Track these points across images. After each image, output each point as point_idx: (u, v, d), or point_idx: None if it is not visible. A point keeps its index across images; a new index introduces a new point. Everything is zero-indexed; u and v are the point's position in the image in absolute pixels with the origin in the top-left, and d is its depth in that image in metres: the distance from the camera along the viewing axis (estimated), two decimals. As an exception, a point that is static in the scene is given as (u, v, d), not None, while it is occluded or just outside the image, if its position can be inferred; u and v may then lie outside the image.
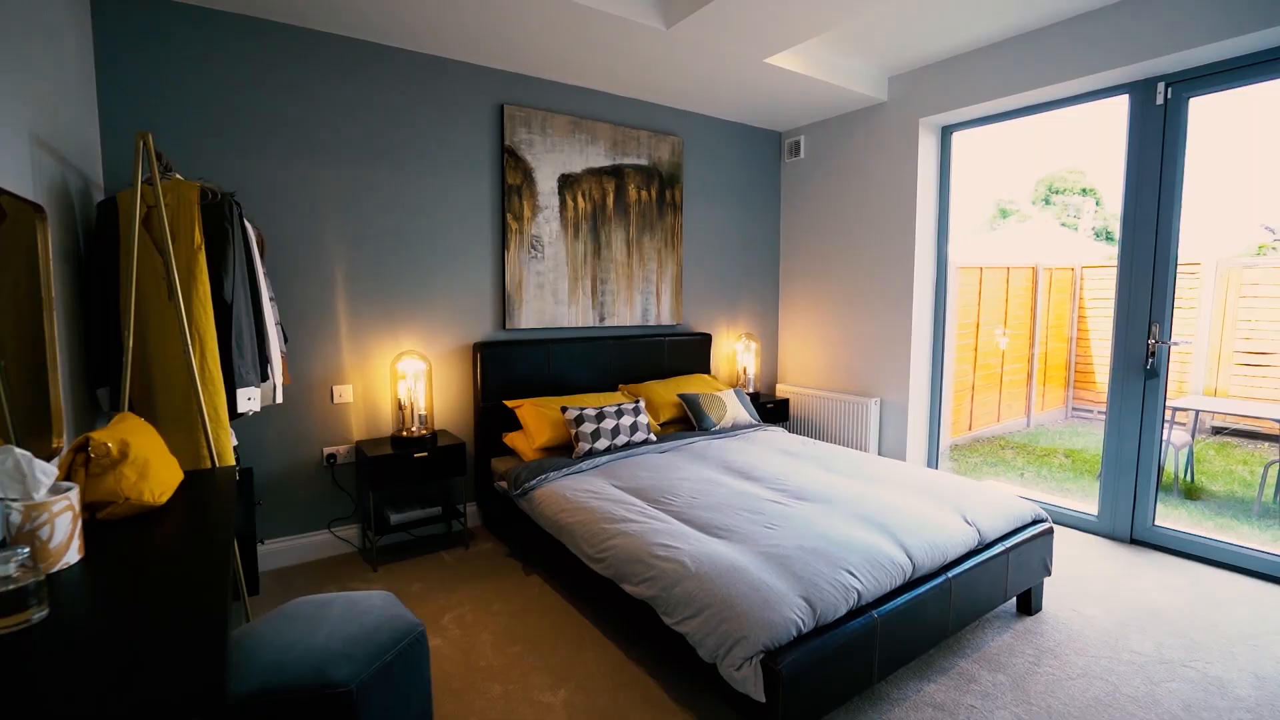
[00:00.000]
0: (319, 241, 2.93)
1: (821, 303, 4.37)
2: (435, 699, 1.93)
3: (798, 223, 4.51)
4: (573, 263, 3.66)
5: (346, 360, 3.05)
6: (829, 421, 4.23)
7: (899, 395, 3.89)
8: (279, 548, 2.94)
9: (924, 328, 3.86)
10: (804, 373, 4.56)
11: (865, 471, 2.75)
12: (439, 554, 3.08)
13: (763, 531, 2.06)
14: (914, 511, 2.22)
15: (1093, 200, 14.95)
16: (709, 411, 3.53)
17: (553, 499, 2.57)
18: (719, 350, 4.42)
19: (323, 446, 3.02)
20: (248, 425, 2.80)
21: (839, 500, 2.33)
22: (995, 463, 5.45)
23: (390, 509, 3.06)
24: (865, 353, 4.09)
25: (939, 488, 2.49)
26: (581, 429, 3.02)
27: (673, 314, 4.10)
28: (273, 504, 2.92)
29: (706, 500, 2.38)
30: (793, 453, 3.08)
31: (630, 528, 2.16)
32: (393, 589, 2.71)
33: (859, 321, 4.11)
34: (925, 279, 3.83)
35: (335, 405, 3.04)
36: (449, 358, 3.33)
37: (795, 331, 4.60)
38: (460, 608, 2.54)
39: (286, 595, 2.65)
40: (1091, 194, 15.30)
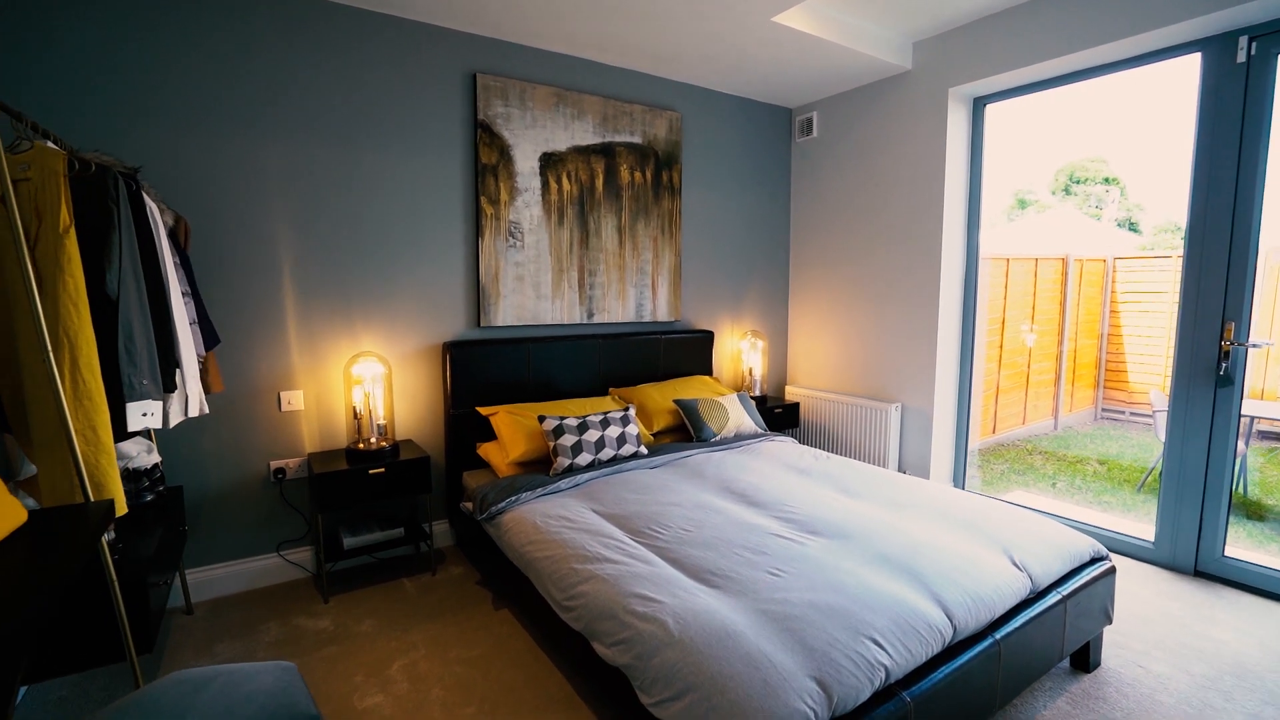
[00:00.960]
0: (262, 228, 2.57)
1: (836, 297, 3.96)
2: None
3: (810, 208, 4.09)
4: (557, 252, 3.28)
5: (296, 363, 2.70)
6: (844, 429, 3.83)
7: (923, 400, 3.49)
8: (219, 574, 2.60)
9: (951, 325, 3.45)
10: (816, 374, 4.16)
11: (888, 494, 2.36)
12: (401, 581, 2.73)
13: (766, 579, 1.68)
14: (950, 551, 1.83)
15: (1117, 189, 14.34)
16: (708, 420, 3.14)
17: (521, 527, 2.20)
18: (722, 349, 4.03)
19: (269, 460, 2.68)
20: (176, 437, 2.45)
21: (858, 534, 1.95)
22: (1023, 470, 5.02)
23: (346, 531, 2.71)
24: (885, 353, 3.68)
25: (977, 517, 2.10)
26: (561, 441, 2.65)
27: (670, 309, 3.72)
28: (211, 525, 2.58)
29: (700, 534, 2.00)
30: (803, 470, 2.69)
31: (606, 570, 1.78)
32: (342, 626, 2.36)
33: (878, 318, 3.70)
34: (953, 270, 3.41)
35: (284, 414, 2.69)
36: (415, 359, 2.97)
37: (806, 329, 4.20)
38: (414, 652, 2.19)
39: (213, 633, 2.31)
40: (1114, 183, 14.68)
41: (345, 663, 2.13)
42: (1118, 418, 6.65)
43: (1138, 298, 6.46)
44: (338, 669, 2.09)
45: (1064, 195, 14.92)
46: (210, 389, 2.34)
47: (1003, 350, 5.95)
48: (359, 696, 1.95)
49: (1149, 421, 6.26)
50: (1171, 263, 6.11)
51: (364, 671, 2.08)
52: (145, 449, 2.23)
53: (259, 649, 2.21)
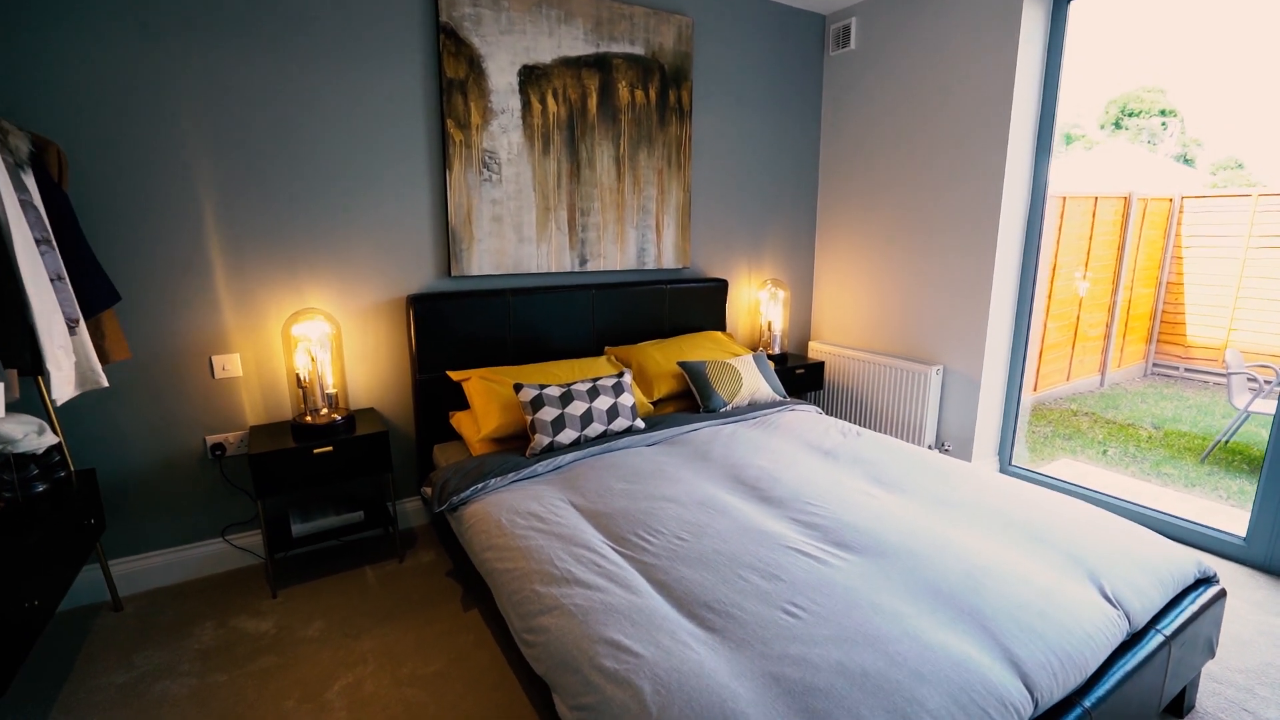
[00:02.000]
0: (172, 158, 2.10)
1: (870, 240, 3.42)
2: None
3: (844, 135, 3.49)
4: (541, 188, 2.77)
5: (229, 322, 2.29)
6: (875, 393, 3.38)
7: (969, 363, 3.00)
8: (156, 563, 2.29)
9: (1008, 273, 2.91)
10: (845, 329, 3.66)
11: (931, 486, 1.93)
12: (364, 570, 2.40)
13: (780, 621, 1.28)
14: (1021, 579, 1.40)
15: (1176, 122, 13.06)
16: (718, 386, 2.70)
17: (484, 525, 1.82)
18: (737, 301, 3.54)
19: (205, 435, 2.31)
20: (85, 413, 2.09)
21: (899, 550, 1.53)
22: (1069, 434, 4.55)
23: (296, 515, 2.37)
24: (927, 306, 3.17)
25: (1047, 522, 1.66)
26: (540, 416, 2.24)
27: (678, 255, 3.22)
28: (141, 510, 2.24)
29: (698, 544, 1.59)
30: (828, 451, 2.26)
31: (575, 598, 1.40)
32: (286, 629, 2.04)
33: (921, 264, 3.17)
34: (1015, 209, 2.85)
35: (218, 381, 2.30)
36: (375, 316, 2.54)
37: (835, 277, 3.68)
38: (361, 667, 1.86)
39: (138, 637, 2.00)
40: (1172, 115, 13.36)
41: (280, 680, 1.81)
42: (1170, 374, 6.07)
43: (1206, 242, 5.77)
44: (269, 689, 1.78)
45: (1113, 130, 13.66)
46: (109, 357, 1.94)
47: (1051, 300, 5.37)
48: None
49: (1208, 380, 5.70)
50: (1250, 202, 5.39)
51: (299, 693, 1.76)
52: (34, 429, 1.86)
53: (184, 659, 1.90)
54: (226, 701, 1.73)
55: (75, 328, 1.67)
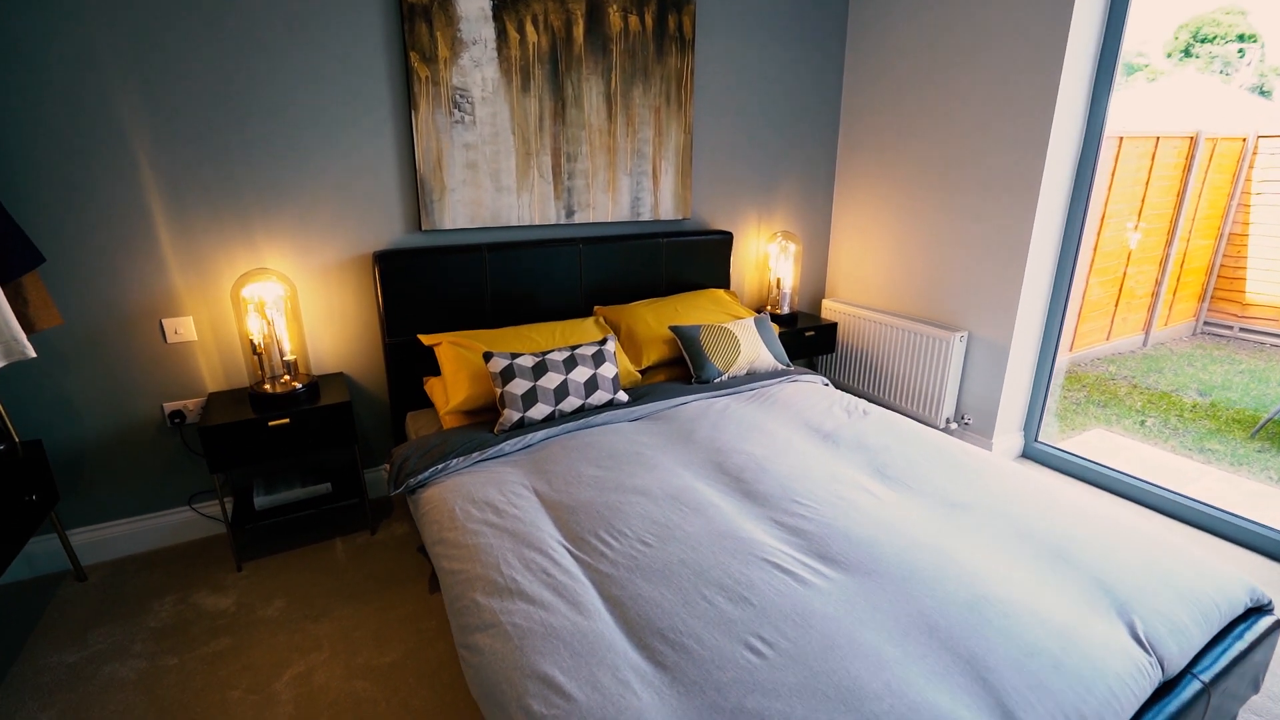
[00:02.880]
0: (94, 100, 1.87)
1: (897, 188, 3.06)
2: None
3: (870, 68, 3.08)
4: (521, 130, 2.48)
5: (178, 282, 2.11)
6: (890, 358, 3.11)
7: (997, 329, 2.70)
8: (122, 531, 2.22)
9: (1050, 228, 2.57)
10: (862, 287, 3.36)
11: (941, 482, 1.70)
12: (334, 541, 2.31)
13: (741, 660, 1.10)
14: (1035, 615, 1.19)
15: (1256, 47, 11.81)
16: (712, 354, 2.47)
17: (438, 513, 1.67)
18: (743, 255, 3.25)
19: (163, 402, 2.18)
20: (24, 383, 1.96)
21: (894, 570, 1.32)
22: (1105, 400, 4.22)
23: (260, 487, 2.26)
24: (955, 264, 2.85)
25: (1072, 534, 1.44)
26: (510, 389, 2.05)
27: (677, 205, 2.92)
28: (99, 479, 2.15)
29: (663, 551, 1.41)
30: (828, 434, 2.04)
31: (515, 615, 1.23)
32: (246, 607, 1.96)
33: (951, 218, 2.83)
34: (1064, 153, 2.47)
35: (171, 346, 2.15)
36: (341, 274, 2.34)
37: (855, 230, 3.34)
38: (316, 654, 1.77)
39: (96, 611, 1.94)
40: (1252, 40, 12.05)
41: (230, 665, 1.73)
42: (1222, 333, 5.60)
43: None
44: (218, 676, 1.70)
45: (1182, 59, 12.40)
46: (35, 325, 1.79)
47: (1097, 253, 4.91)
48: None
49: (1264, 341, 5.24)
50: (1340, 140, 4.78)
51: (247, 682, 1.67)
52: (-36, 400, 1.74)
53: (138, 639, 1.83)
54: (172, 689, 1.65)
55: (-27, 297, 1.50)
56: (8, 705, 1.62)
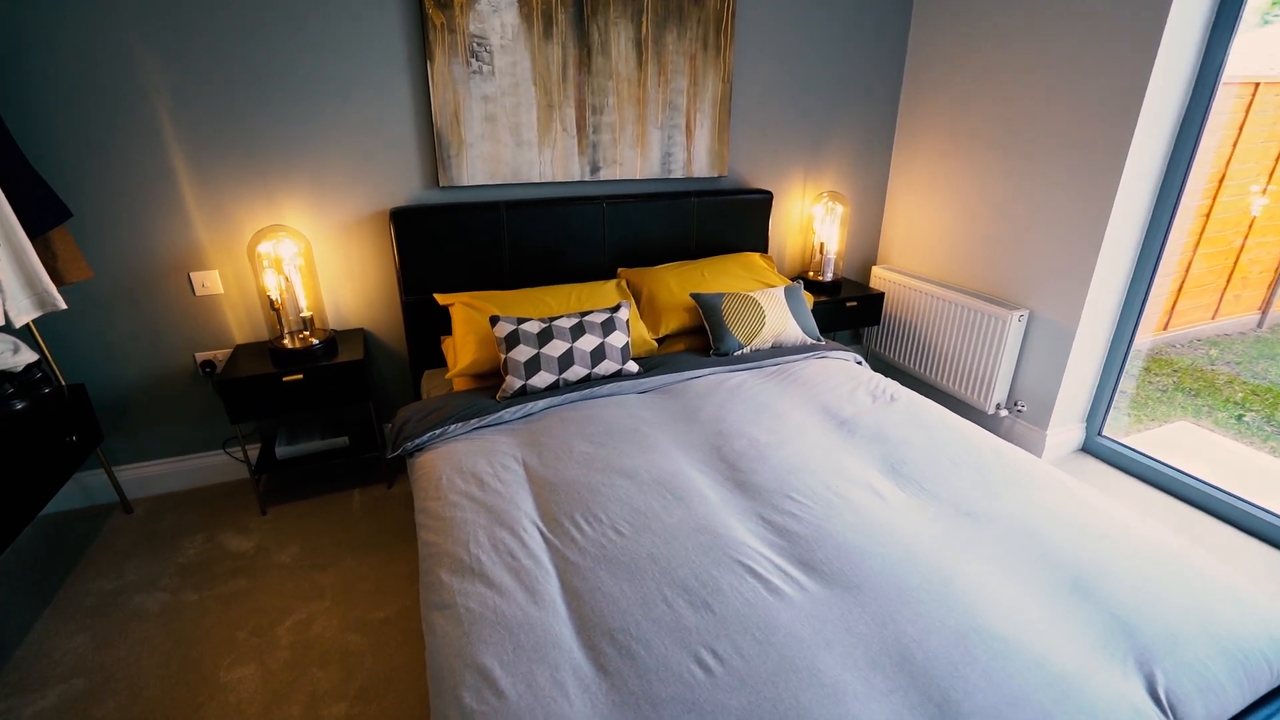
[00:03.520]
0: (113, 56, 1.89)
1: (962, 146, 2.73)
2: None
3: (942, 7, 2.71)
4: (543, 81, 2.35)
5: (204, 238, 2.16)
6: (940, 335, 2.85)
7: (1063, 309, 2.40)
8: (165, 470, 2.38)
9: (1138, 195, 2.22)
10: (916, 255, 3.07)
11: (960, 485, 1.54)
12: (352, 493, 2.39)
13: (686, 675, 1.03)
14: (1031, 654, 1.05)
15: None
16: (734, 325, 2.33)
17: (427, 480, 1.67)
18: (785, 217, 3.03)
19: (194, 352, 2.28)
20: (68, 332, 2.08)
21: (878, 587, 1.20)
22: (1198, 390, 3.75)
23: (283, 437, 2.35)
24: (1020, 235, 2.54)
25: (1101, 562, 1.26)
26: (513, 355, 2.00)
27: (712, 161, 2.73)
28: (141, 421, 2.30)
29: (637, 542, 1.34)
30: (845, 421, 1.88)
31: (471, 600, 1.21)
32: (263, 551, 2.07)
33: (1021, 181, 2.50)
34: (1167, 104, 2.10)
35: (199, 299, 2.23)
36: (360, 231, 2.34)
37: (913, 191, 3.03)
38: (317, 603, 1.85)
39: (134, 544, 2.09)
40: None
41: (241, 607, 1.83)
42: (1364, 316, 4.84)
43: None
44: (229, 615, 1.80)
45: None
46: (65, 278, 1.87)
47: (1209, 221, 4.28)
48: (229, 664, 1.64)
49: None
50: None
51: (253, 624, 1.77)
52: (9, 349, 1.86)
53: (166, 573, 1.97)
54: (187, 624, 1.77)
55: (-7, 251, 1.57)
56: (53, 624, 1.79)
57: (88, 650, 1.70)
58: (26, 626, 1.78)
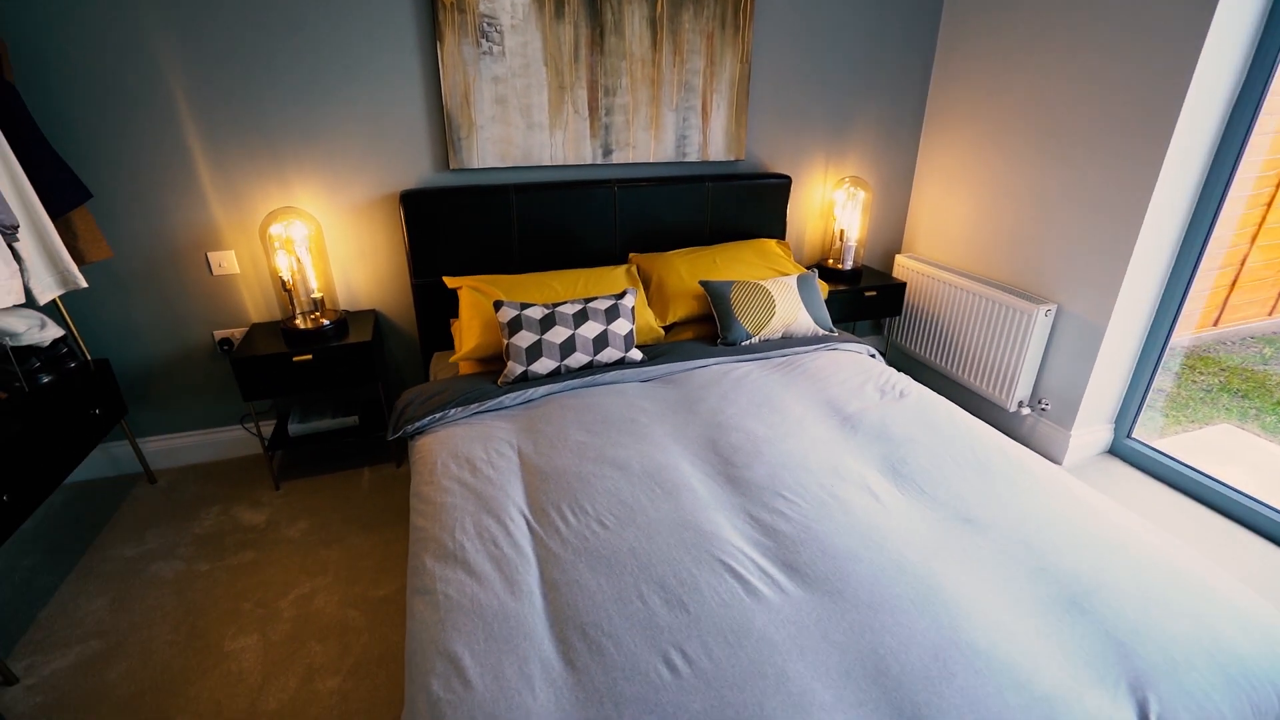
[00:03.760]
0: (129, 41, 1.92)
1: (995, 130, 2.59)
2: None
3: (978, -24, 2.56)
4: (554, 62, 2.31)
5: (220, 218, 2.21)
6: (963, 327, 2.74)
7: (1094, 304, 2.28)
8: (187, 443, 2.47)
9: (1181, 184, 2.07)
10: (942, 244, 2.95)
11: (963, 492, 1.48)
12: (363, 471, 2.44)
13: (652, 675, 1.02)
14: (1013, 676, 1.01)
15: None
16: (742, 314, 2.28)
17: (424, 464, 1.68)
18: (805, 202, 2.94)
19: (213, 330, 2.35)
20: (95, 308, 2.16)
21: (860, 594, 1.17)
22: (1246, 391, 3.54)
23: (296, 414, 2.41)
24: (1050, 225, 2.41)
25: (1102, 577, 1.20)
26: (515, 341, 2.00)
27: (729, 145, 2.65)
28: (163, 396, 2.38)
29: (620, 536, 1.33)
30: (849, 418, 1.83)
31: (450, 587, 1.22)
32: (274, 525, 2.14)
33: (1054, 167, 2.37)
34: (1216, 84, 1.94)
35: (217, 278, 2.28)
36: (372, 211, 2.35)
37: (941, 177, 2.91)
38: (320, 578, 1.90)
39: (155, 513, 2.18)
40: None
41: (250, 579, 1.90)
42: None
43: None
44: (238, 586, 1.87)
45: None
46: (85, 257, 1.94)
47: (1270, 210, 4.00)
48: (233, 633, 1.71)
49: None
50: None
51: (259, 595, 1.83)
52: (37, 324, 1.94)
53: (183, 543, 2.06)
54: (198, 593, 1.85)
55: (13, 234, 1.63)
56: (75, 586, 1.88)
57: (106, 613, 1.78)
58: (53, 587, 1.88)
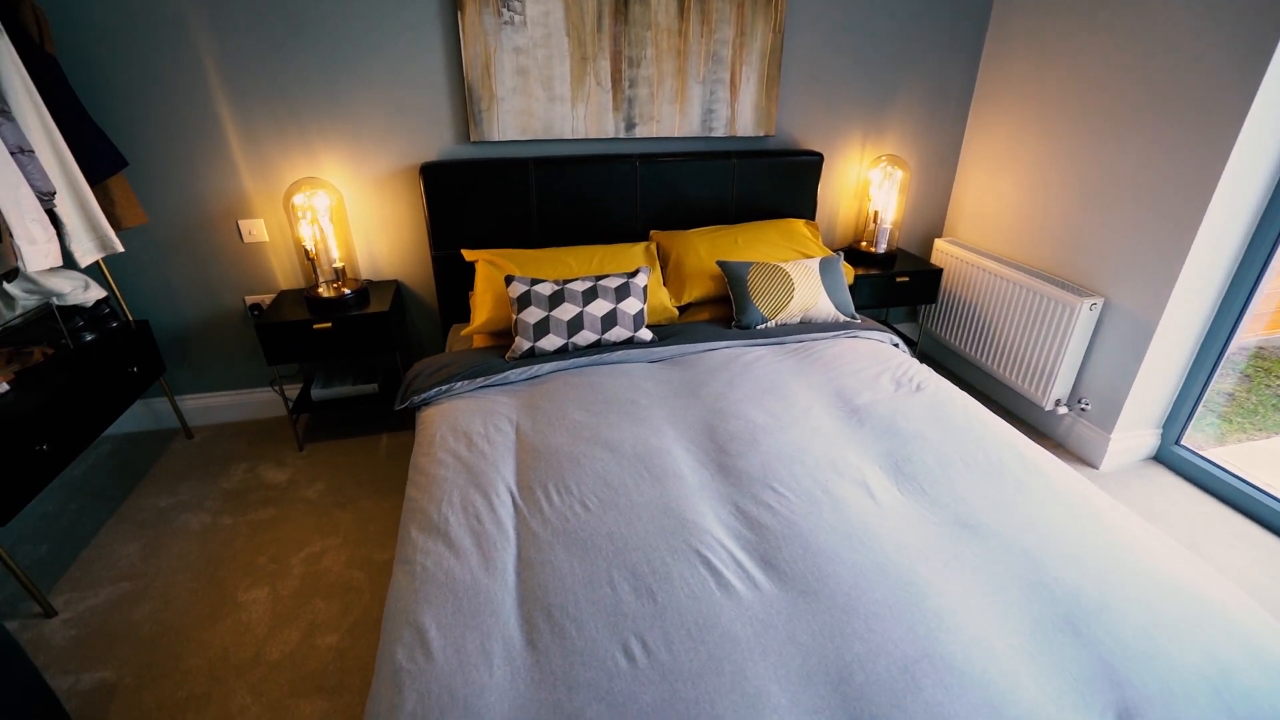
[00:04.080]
0: (168, 17, 1.97)
1: (1049, 108, 2.40)
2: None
3: (1041, -65, 2.34)
4: (577, 32, 2.25)
5: (250, 187, 2.27)
6: (1000, 318, 2.59)
7: (1144, 300, 2.10)
8: (222, 402, 2.60)
9: (1254, 171, 1.87)
10: (985, 229, 2.78)
11: (966, 495, 1.41)
12: (381, 437, 2.52)
13: (608, 663, 1.01)
14: (985, 693, 0.96)
15: None
16: (758, 297, 2.21)
17: (425, 434, 1.71)
18: (839, 181, 2.81)
19: (244, 295, 2.44)
20: (137, 271, 2.27)
21: (836, 598, 1.13)
22: (1327, 398, 3.22)
23: (319, 380, 2.50)
24: (1102, 212, 2.22)
25: (1105, 596, 1.12)
26: (523, 316, 2.00)
27: (759, 119, 2.55)
28: (199, 356, 2.50)
29: (601, 519, 1.33)
30: (857, 409, 1.75)
31: (429, 559, 1.25)
32: (294, 485, 2.24)
33: (1111, 149, 2.18)
34: (1302, 61, 1.73)
35: (247, 245, 2.36)
36: (394, 182, 2.38)
37: (989, 157, 2.72)
38: (330, 539, 1.98)
39: (189, 467, 2.32)
40: None
41: (267, 535, 2.00)
42: None
43: None
44: (255, 541, 1.97)
45: None
46: (122, 223, 2.03)
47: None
48: (247, 585, 1.80)
49: None
50: None
51: (272, 551, 1.93)
52: (81, 285, 2.06)
53: (211, 496, 2.17)
54: (219, 545, 1.96)
55: (50, 199, 1.71)
56: (113, 532, 2.02)
57: (137, 558, 1.91)
58: (94, 531, 2.03)
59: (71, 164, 1.82)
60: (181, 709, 1.46)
